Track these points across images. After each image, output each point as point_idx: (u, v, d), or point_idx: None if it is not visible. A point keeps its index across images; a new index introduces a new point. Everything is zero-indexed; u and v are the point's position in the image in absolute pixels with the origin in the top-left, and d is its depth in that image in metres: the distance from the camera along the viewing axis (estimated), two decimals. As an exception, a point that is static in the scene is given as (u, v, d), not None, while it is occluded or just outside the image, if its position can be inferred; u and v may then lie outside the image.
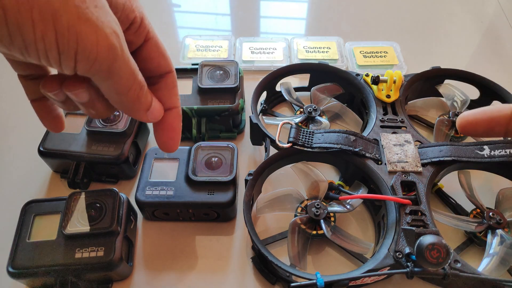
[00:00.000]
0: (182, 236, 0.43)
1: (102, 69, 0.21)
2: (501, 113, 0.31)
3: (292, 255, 0.38)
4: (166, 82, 0.28)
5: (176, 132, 0.31)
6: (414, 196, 0.39)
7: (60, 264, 0.35)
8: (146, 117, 0.26)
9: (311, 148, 0.42)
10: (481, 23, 0.72)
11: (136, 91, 0.24)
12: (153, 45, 0.26)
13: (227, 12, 0.77)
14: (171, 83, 0.28)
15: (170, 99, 0.29)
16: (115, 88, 0.23)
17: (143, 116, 0.26)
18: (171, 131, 0.30)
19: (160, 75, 0.28)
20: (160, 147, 0.30)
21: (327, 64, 0.52)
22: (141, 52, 0.26)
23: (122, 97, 0.24)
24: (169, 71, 0.28)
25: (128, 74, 0.23)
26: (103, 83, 0.22)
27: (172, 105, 0.29)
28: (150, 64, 0.27)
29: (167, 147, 0.30)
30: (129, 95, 0.24)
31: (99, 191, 0.39)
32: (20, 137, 0.53)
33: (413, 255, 0.34)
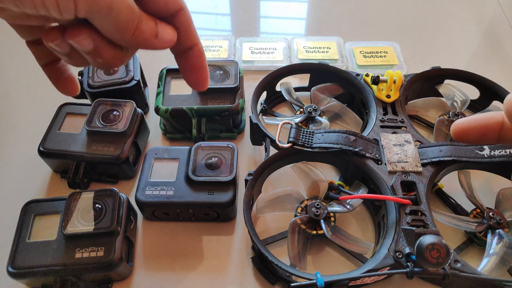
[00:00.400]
0: (182, 236, 0.43)
1: (102, 6, 0.21)
2: (493, 120, 0.32)
3: (292, 255, 0.38)
4: (180, 20, 0.27)
5: (203, 70, 0.30)
6: (414, 196, 0.39)
7: (60, 264, 0.35)
8: (159, 43, 0.25)
9: (311, 148, 0.42)
10: (481, 23, 0.72)
11: (135, 22, 0.23)
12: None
13: (227, 12, 0.77)
14: (184, 20, 0.27)
15: (188, 37, 0.27)
16: (116, 25, 0.22)
17: (155, 43, 0.25)
18: (198, 70, 0.29)
19: (172, 15, 0.26)
20: (191, 87, 0.30)
21: (327, 64, 0.52)
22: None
23: (123, 33, 0.23)
24: (179, 9, 0.26)
25: (126, 8, 0.22)
26: (103, 23, 0.22)
27: (191, 43, 0.28)
28: (157, 3, 0.25)
29: (197, 86, 0.30)
30: (129, 29, 0.23)
31: (99, 191, 0.39)
32: (20, 137, 0.53)
33: (413, 255, 0.34)
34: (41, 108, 0.55)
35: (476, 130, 0.33)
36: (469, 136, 0.33)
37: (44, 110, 0.50)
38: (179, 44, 0.28)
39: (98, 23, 0.22)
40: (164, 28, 0.25)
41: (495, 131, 0.32)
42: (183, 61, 0.29)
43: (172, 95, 0.49)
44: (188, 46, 0.28)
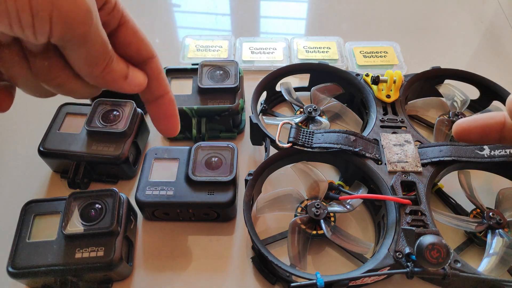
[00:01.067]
0: (182, 236, 0.43)
1: (77, 34, 0.20)
2: (494, 120, 0.32)
3: (292, 255, 0.38)
4: (151, 68, 0.27)
5: (174, 118, 0.30)
6: (414, 196, 0.39)
7: (60, 264, 0.35)
8: (128, 85, 0.25)
9: (311, 148, 0.42)
10: (481, 23, 0.72)
11: (106, 59, 0.23)
12: (129, 29, 0.26)
13: (227, 12, 0.77)
14: (155, 68, 0.27)
15: (158, 86, 0.28)
16: (87, 57, 0.22)
17: (123, 85, 0.25)
18: (169, 118, 0.30)
19: (143, 62, 0.27)
20: (161, 133, 0.30)
21: (327, 64, 0.52)
22: (117, 36, 0.25)
23: (94, 69, 0.23)
24: (151, 57, 0.27)
25: (100, 42, 0.22)
26: (75, 53, 0.22)
27: (162, 91, 0.28)
28: (129, 49, 0.26)
29: (168, 133, 0.30)
30: (99, 65, 0.23)
31: (99, 191, 0.39)
32: (20, 137, 0.53)
33: (413, 255, 0.34)
34: (41, 108, 0.55)
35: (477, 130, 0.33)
36: (470, 136, 0.34)
37: (44, 110, 0.50)
38: (150, 92, 0.28)
39: (70, 53, 0.22)
40: (135, 72, 0.26)
41: (496, 131, 0.32)
42: (153, 109, 0.29)
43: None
44: (158, 94, 0.28)
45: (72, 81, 0.24)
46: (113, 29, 0.25)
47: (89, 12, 0.20)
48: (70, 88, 0.24)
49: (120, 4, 0.25)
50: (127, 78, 0.25)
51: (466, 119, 0.33)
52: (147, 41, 0.27)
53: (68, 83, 0.24)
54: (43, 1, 0.18)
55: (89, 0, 0.20)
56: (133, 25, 0.26)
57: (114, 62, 0.24)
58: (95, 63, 0.23)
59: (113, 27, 0.25)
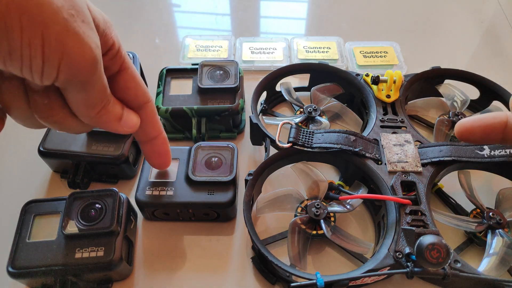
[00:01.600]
0: (182, 236, 0.43)
1: (81, 80, 0.21)
2: (497, 120, 0.32)
3: (292, 255, 0.38)
4: (146, 112, 0.29)
5: (167, 155, 0.33)
6: (414, 196, 0.39)
7: (60, 264, 0.35)
8: (121, 127, 0.27)
9: (311, 148, 0.42)
10: (481, 23, 0.72)
11: (103, 102, 0.25)
12: (129, 75, 0.27)
13: (227, 12, 0.77)
14: (150, 112, 0.29)
15: (153, 128, 0.30)
16: (86, 100, 0.23)
17: (117, 126, 0.27)
18: (162, 156, 0.33)
19: (139, 106, 0.29)
20: (155, 167, 0.34)
21: (327, 64, 0.52)
22: (117, 81, 0.27)
23: (91, 111, 0.24)
24: (147, 101, 0.29)
25: (101, 87, 0.23)
26: (75, 95, 0.23)
27: (156, 133, 0.31)
28: (127, 94, 0.28)
29: (160, 168, 0.35)
30: (96, 107, 0.24)
31: (99, 191, 0.39)
32: (20, 137, 0.53)
33: (413, 255, 0.34)
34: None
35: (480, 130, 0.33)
36: (473, 136, 0.34)
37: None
38: (145, 134, 0.30)
39: (70, 95, 0.23)
40: (129, 114, 0.27)
41: (499, 131, 0.32)
42: (148, 148, 0.32)
43: (172, 95, 0.49)
44: (153, 136, 0.31)
45: (69, 119, 0.25)
46: (113, 73, 0.27)
47: (95, 61, 0.21)
48: (65, 125, 0.26)
49: (123, 50, 0.27)
50: (121, 120, 0.27)
51: (468, 118, 0.33)
52: (144, 87, 0.29)
53: (65, 121, 0.25)
54: (55, 49, 0.19)
55: (96, 50, 0.21)
56: (132, 71, 0.28)
57: (110, 105, 0.25)
58: (93, 106, 0.24)
59: (113, 71, 0.27)
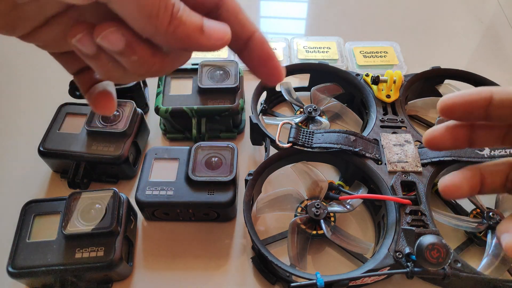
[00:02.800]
0: (182, 236, 0.43)
1: None
2: (480, 96, 0.30)
3: (292, 255, 0.38)
4: (226, 9, 0.22)
5: (273, 59, 0.24)
6: (414, 196, 0.39)
7: (60, 264, 0.35)
8: (207, 40, 0.20)
9: (311, 148, 0.42)
10: (481, 23, 0.72)
11: (169, 8, 0.19)
12: None
13: (227, 12, 0.77)
14: (232, 8, 0.22)
15: (241, 27, 0.23)
16: (140, 9, 0.18)
17: (201, 39, 0.20)
18: (267, 61, 0.24)
19: (216, 5, 0.22)
20: (266, 82, 0.25)
21: (327, 64, 0.52)
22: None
23: (156, 22, 0.19)
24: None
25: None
26: (125, 7, 0.18)
27: (247, 32, 0.23)
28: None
29: (273, 79, 0.24)
30: (162, 16, 0.18)
31: (99, 191, 0.39)
32: (20, 137, 0.53)
33: (413, 255, 0.34)
34: (41, 108, 0.55)
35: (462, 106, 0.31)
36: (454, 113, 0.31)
37: (44, 110, 0.50)
38: (236, 38, 0.23)
39: (120, 9, 0.18)
40: (212, 23, 0.21)
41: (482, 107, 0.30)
42: (246, 57, 0.24)
43: (172, 95, 0.49)
44: (245, 37, 0.23)
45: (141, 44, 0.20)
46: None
47: None
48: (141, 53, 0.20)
49: None
50: (203, 31, 0.20)
51: (450, 94, 0.31)
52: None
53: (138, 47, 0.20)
54: None
55: None
56: None
57: (181, 12, 0.19)
58: (155, 14, 0.18)
59: None
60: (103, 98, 0.25)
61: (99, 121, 0.45)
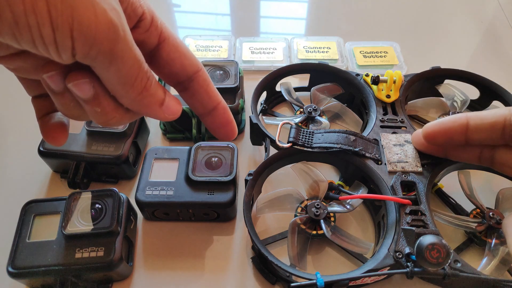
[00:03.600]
0: (182, 236, 0.43)
1: (103, 50, 0.19)
2: (457, 123, 0.33)
3: (292, 255, 0.38)
4: (198, 82, 0.26)
5: (231, 124, 0.29)
6: (414, 196, 0.39)
7: (60, 264, 0.35)
8: (162, 113, 0.24)
9: (311, 148, 0.42)
10: (481, 23, 0.72)
11: (143, 81, 0.22)
12: (171, 46, 0.24)
13: (227, 12, 0.77)
14: (203, 81, 0.26)
15: (210, 98, 0.27)
16: (119, 76, 0.20)
17: (158, 111, 0.24)
18: (225, 126, 0.28)
19: (189, 78, 0.26)
20: (221, 139, 0.30)
21: (327, 64, 0.52)
22: (160, 56, 0.24)
23: (129, 89, 0.21)
24: (196, 71, 0.26)
25: (132, 59, 0.20)
26: (105, 72, 0.20)
27: (214, 103, 0.27)
28: (173, 66, 0.25)
29: (227, 139, 0.30)
30: (136, 86, 0.21)
31: (99, 191, 0.39)
32: (20, 137, 0.53)
33: (413, 255, 0.34)
34: (41, 108, 0.55)
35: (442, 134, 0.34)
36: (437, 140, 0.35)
37: (44, 110, 0.50)
38: (202, 106, 0.27)
39: (101, 73, 0.20)
40: (171, 100, 0.25)
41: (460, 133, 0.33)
42: (209, 121, 0.28)
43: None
44: (211, 107, 0.27)
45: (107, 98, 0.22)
46: (153, 48, 0.24)
47: (113, 25, 0.19)
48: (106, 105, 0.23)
49: (159, 19, 0.24)
50: (162, 105, 0.24)
51: (432, 123, 0.34)
52: (190, 55, 0.26)
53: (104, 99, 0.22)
54: (62, 15, 0.17)
55: (113, 14, 0.19)
56: (174, 41, 0.25)
57: (152, 86, 0.23)
58: (131, 84, 0.21)
59: (153, 45, 0.24)
60: (56, 130, 0.28)
61: (99, 121, 0.45)
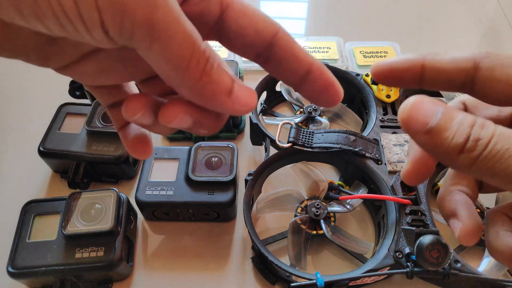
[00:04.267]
0: (182, 236, 0.43)
1: (138, 21, 0.15)
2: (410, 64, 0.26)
3: (292, 255, 0.38)
4: (280, 46, 0.20)
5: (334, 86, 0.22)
6: (414, 196, 0.39)
7: (60, 264, 0.35)
8: (232, 104, 0.19)
9: (311, 148, 0.42)
10: (481, 23, 0.72)
11: (201, 63, 0.17)
12: (238, 11, 0.20)
13: (227, 12, 0.77)
14: (285, 43, 0.21)
15: (299, 61, 0.21)
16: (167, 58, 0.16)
17: (226, 102, 0.19)
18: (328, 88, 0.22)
19: (269, 44, 0.21)
20: (326, 106, 0.24)
21: (327, 64, 0.52)
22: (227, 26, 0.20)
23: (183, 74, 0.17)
24: (274, 33, 0.21)
25: (181, 34, 0.16)
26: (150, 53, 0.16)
27: (307, 65, 0.21)
28: (247, 36, 0.20)
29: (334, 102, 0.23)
30: (192, 70, 0.17)
31: (99, 191, 0.39)
32: (20, 137, 0.53)
33: (413, 255, 0.34)
34: (41, 108, 0.55)
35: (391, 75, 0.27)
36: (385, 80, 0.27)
37: (44, 110, 0.50)
38: (294, 74, 0.22)
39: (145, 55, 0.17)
40: (242, 87, 0.19)
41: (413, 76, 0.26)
42: (307, 89, 0.22)
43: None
44: (303, 72, 0.22)
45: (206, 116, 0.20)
46: (216, 20, 0.20)
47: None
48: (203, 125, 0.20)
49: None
50: (231, 94, 0.19)
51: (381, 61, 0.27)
52: (263, 16, 0.21)
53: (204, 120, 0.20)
54: None
55: None
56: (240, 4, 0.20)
57: (214, 69, 0.18)
58: (185, 67, 0.17)
59: (215, 16, 0.20)
60: (139, 143, 0.24)
61: (99, 121, 0.45)
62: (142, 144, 0.24)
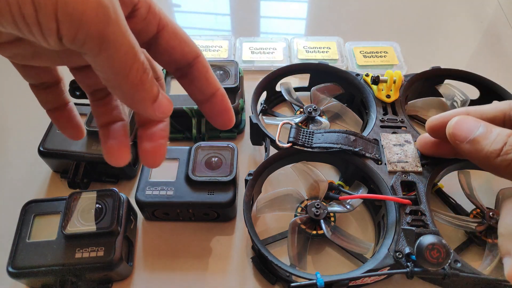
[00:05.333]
0: (182, 236, 0.43)
1: (92, 35, 0.17)
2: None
3: (292, 255, 0.38)
4: (197, 68, 0.25)
5: (229, 112, 0.28)
6: (414, 196, 0.39)
7: (60, 264, 0.35)
8: (153, 110, 0.22)
9: (311, 148, 0.42)
10: (481, 23, 0.72)
11: (139, 72, 0.20)
12: (171, 33, 0.23)
13: (227, 12, 0.77)
14: (202, 67, 0.25)
15: (209, 84, 0.26)
16: (112, 65, 0.19)
17: (149, 108, 0.22)
18: (223, 114, 0.27)
19: (188, 64, 0.25)
20: (218, 127, 0.29)
21: (327, 64, 0.52)
22: (159, 43, 0.23)
23: (122, 80, 0.20)
24: (195, 56, 0.25)
25: (126, 46, 0.19)
26: (96, 59, 0.19)
27: (213, 89, 0.26)
28: (173, 54, 0.24)
29: (224, 127, 0.28)
30: (131, 77, 0.20)
31: (99, 191, 0.39)
32: (20, 137, 0.53)
33: (413, 255, 0.34)
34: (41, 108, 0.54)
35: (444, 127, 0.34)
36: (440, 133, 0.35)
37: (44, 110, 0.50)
38: (201, 93, 0.26)
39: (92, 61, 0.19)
40: (164, 97, 0.23)
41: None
42: (207, 107, 0.27)
43: (172, 95, 0.49)
44: (210, 93, 0.26)
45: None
46: (152, 37, 0.23)
47: (103, 7, 0.17)
48: None
49: (156, 7, 0.23)
50: (155, 102, 0.22)
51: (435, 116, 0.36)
52: (190, 41, 0.25)
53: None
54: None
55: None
56: (173, 28, 0.24)
57: (149, 80, 0.21)
58: (125, 74, 0.19)
59: (151, 34, 0.23)
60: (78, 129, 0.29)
61: (99, 121, 0.45)
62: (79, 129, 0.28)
